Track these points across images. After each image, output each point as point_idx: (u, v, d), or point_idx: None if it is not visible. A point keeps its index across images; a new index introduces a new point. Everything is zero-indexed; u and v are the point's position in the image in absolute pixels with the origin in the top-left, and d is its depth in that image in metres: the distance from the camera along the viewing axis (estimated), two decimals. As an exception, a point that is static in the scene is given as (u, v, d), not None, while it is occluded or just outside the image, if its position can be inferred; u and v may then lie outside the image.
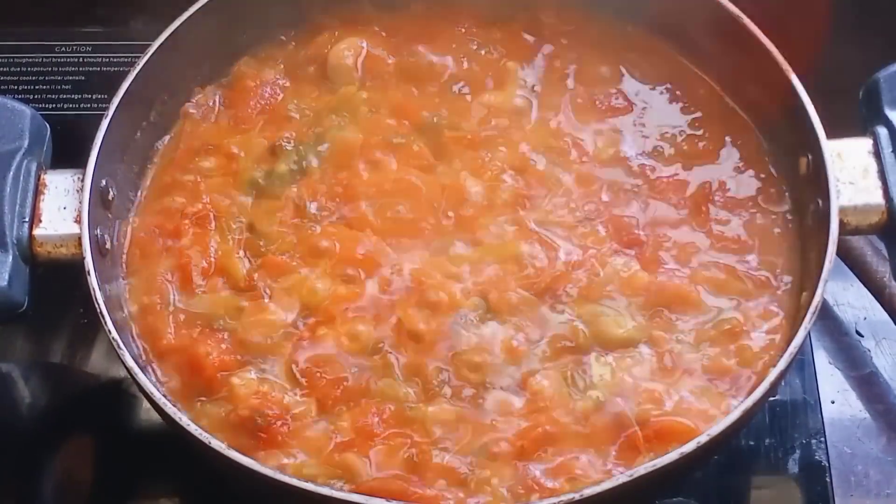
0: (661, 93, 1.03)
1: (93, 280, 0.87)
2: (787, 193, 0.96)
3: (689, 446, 0.79)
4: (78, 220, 0.90)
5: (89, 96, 1.22)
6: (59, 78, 1.23)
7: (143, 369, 0.86)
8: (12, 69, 1.24)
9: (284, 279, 0.93)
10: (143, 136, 1.00)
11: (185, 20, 0.99)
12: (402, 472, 0.85)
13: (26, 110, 0.94)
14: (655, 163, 0.99)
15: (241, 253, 0.95)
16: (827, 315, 1.07)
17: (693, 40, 1.03)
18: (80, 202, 0.90)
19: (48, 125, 0.95)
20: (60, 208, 0.91)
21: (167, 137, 1.02)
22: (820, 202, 0.90)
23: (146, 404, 0.88)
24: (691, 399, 0.87)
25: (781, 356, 0.84)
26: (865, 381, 1.05)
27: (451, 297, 0.91)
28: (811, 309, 0.84)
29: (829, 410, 1.01)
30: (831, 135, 0.91)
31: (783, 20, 0.97)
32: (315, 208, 0.97)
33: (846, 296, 1.08)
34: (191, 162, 1.00)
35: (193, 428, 0.81)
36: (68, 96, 1.22)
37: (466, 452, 0.85)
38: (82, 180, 0.91)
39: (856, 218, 0.89)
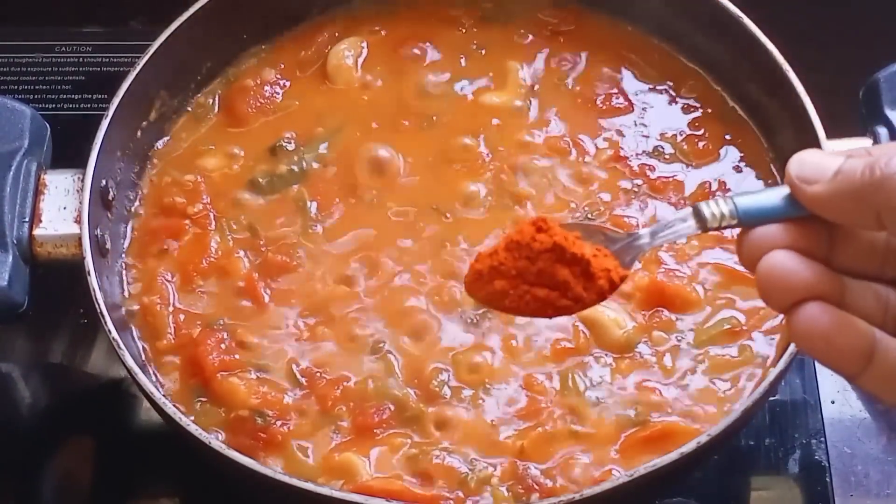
0: (661, 93, 1.03)
1: (93, 280, 0.87)
2: (787, 193, 0.96)
3: (689, 446, 0.79)
4: (78, 220, 0.90)
5: (89, 96, 1.22)
6: (59, 78, 1.23)
7: (143, 369, 0.86)
8: (12, 69, 1.24)
9: (284, 279, 0.93)
10: (143, 136, 1.00)
11: (186, 20, 0.99)
12: (401, 472, 0.85)
13: (26, 110, 0.94)
14: (655, 163, 0.99)
15: (241, 253, 0.95)
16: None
17: (693, 40, 1.03)
18: (80, 202, 0.90)
19: (48, 125, 0.95)
20: (60, 208, 0.91)
21: (167, 137, 1.02)
22: (820, 202, 0.90)
23: (146, 404, 0.88)
24: (691, 399, 0.87)
25: (781, 356, 0.84)
26: (865, 380, 1.04)
27: (451, 297, 0.92)
28: (811, 309, 0.84)
29: (829, 410, 1.01)
30: (831, 135, 0.91)
31: (783, 20, 0.97)
32: (315, 208, 0.97)
33: (846, 296, 1.08)
34: (191, 162, 1.00)
35: (193, 428, 0.81)
36: (68, 96, 1.22)
37: (466, 452, 0.86)
38: (82, 180, 0.91)
39: (856, 218, 0.89)
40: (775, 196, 0.64)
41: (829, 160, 0.62)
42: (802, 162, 0.63)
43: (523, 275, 0.68)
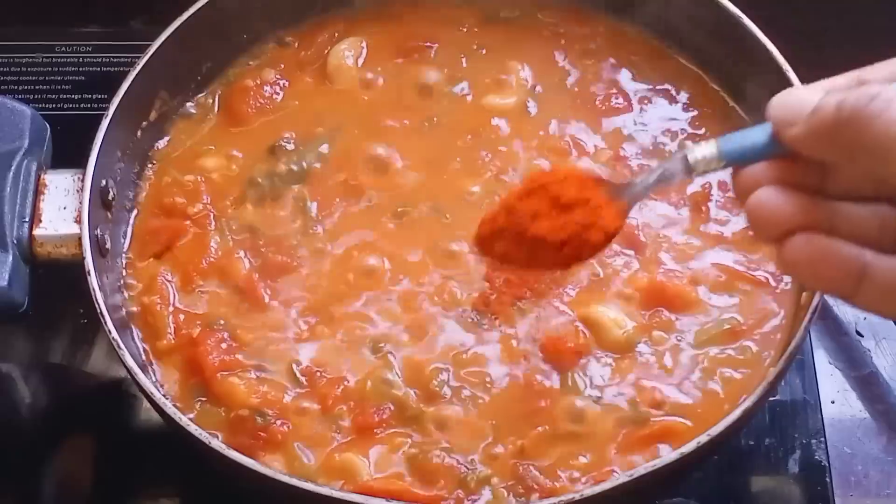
0: (661, 93, 1.03)
1: (93, 280, 0.87)
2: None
3: (689, 446, 0.79)
4: (78, 220, 0.90)
5: (89, 96, 1.22)
6: (59, 78, 1.23)
7: (143, 369, 0.86)
8: (12, 69, 1.24)
9: (284, 279, 0.93)
10: (143, 136, 1.00)
11: (185, 20, 0.99)
12: (402, 472, 0.85)
13: (26, 110, 0.94)
14: (655, 163, 0.99)
15: (241, 253, 0.95)
16: (827, 315, 1.07)
17: (693, 40, 1.03)
18: (80, 202, 0.90)
19: (48, 125, 0.95)
20: (60, 208, 0.91)
21: (167, 137, 1.02)
22: (820, 202, 0.90)
23: (146, 404, 0.88)
24: (691, 399, 0.87)
25: (781, 356, 0.84)
26: (865, 381, 1.05)
27: (451, 297, 0.92)
28: (811, 309, 0.84)
29: (829, 410, 1.01)
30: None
31: (783, 20, 0.97)
32: (315, 208, 0.97)
33: (846, 296, 1.08)
34: (191, 162, 1.00)
35: (193, 428, 0.81)
36: (68, 96, 1.22)
37: (466, 452, 0.86)
38: (82, 180, 0.91)
39: (856, 218, 0.89)
40: (760, 137, 0.66)
41: (808, 97, 0.64)
42: (781, 104, 0.65)
43: (519, 240, 0.73)
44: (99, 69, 1.24)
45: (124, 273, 0.95)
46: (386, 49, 1.06)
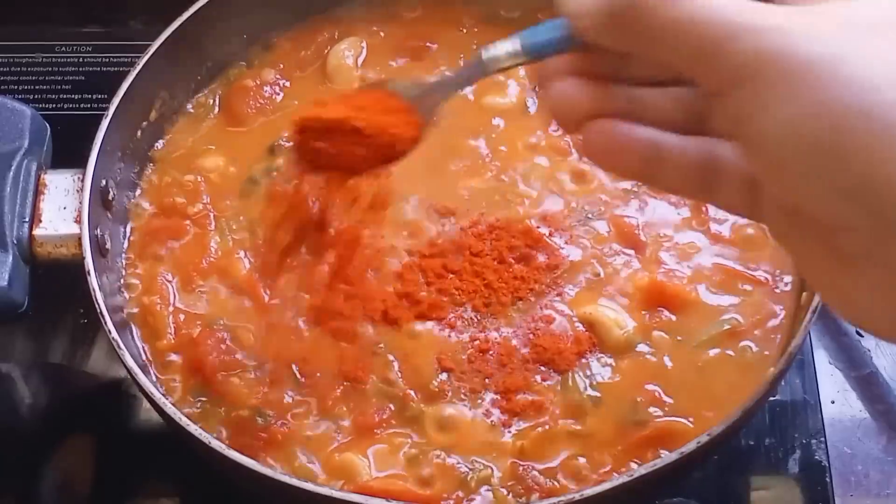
0: (661, 93, 1.03)
1: (93, 280, 0.87)
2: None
3: (690, 446, 0.79)
4: (78, 220, 0.90)
5: (89, 96, 1.22)
6: (59, 78, 1.23)
7: (143, 369, 0.86)
8: (12, 69, 1.24)
9: (284, 279, 0.93)
10: (143, 136, 1.00)
11: (185, 20, 0.99)
12: (402, 472, 0.85)
13: (26, 110, 0.94)
14: (655, 163, 0.99)
15: (241, 253, 0.95)
16: (827, 315, 1.07)
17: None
18: (80, 202, 0.90)
19: (48, 125, 0.95)
20: (60, 208, 0.91)
21: (167, 137, 1.02)
22: (820, 202, 0.90)
23: (146, 404, 0.88)
24: (691, 399, 0.87)
25: (781, 356, 0.84)
26: (865, 381, 1.04)
27: (451, 297, 0.91)
28: (811, 309, 0.84)
29: (829, 410, 1.01)
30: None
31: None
32: (315, 208, 0.97)
33: (846, 296, 1.08)
34: (191, 162, 1.01)
35: (193, 428, 0.81)
36: (68, 96, 1.22)
37: (466, 452, 0.85)
38: (82, 180, 0.91)
39: (856, 217, 0.89)
40: (557, 30, 0.66)
41: None
42: None
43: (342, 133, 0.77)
44: (99, 69, 1.24)
45: (124, 273, 0.95)
46: (386, 49, 1.06)
